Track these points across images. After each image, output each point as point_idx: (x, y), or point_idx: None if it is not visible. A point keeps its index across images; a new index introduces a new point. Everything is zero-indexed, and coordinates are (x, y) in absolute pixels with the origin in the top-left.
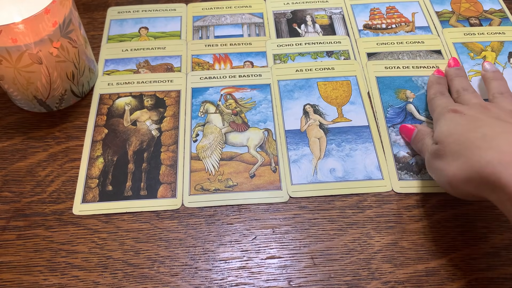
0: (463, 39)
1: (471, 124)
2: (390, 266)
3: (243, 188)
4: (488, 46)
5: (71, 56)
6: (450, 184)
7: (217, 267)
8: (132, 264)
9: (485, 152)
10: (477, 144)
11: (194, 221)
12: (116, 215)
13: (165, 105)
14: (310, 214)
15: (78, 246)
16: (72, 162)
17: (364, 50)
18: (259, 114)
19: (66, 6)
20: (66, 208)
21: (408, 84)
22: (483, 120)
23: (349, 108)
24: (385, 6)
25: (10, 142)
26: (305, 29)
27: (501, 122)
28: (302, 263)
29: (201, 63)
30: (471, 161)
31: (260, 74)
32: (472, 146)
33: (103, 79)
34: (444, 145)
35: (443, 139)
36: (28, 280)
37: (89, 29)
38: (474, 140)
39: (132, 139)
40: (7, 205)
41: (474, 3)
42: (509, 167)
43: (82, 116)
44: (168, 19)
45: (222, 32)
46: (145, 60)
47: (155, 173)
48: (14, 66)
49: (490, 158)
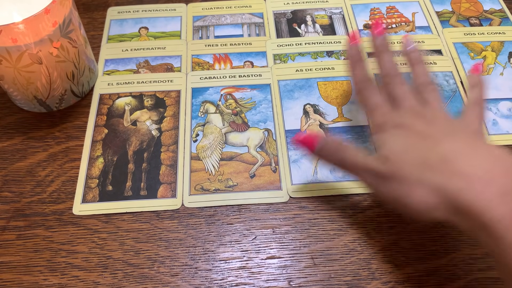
0: (463, 39)
1: (424, 143)
2: (390, 266)
3: (243, 188)
4: (488, 46)
5: (71, 56)
6: (416, 211)
7: (217, 267)
8: (132, 264)
9: (452, 180)
10: (440, 168)
11: (194, 221)
12: (116, 215)
13: (165, 105)
14: (310, 214)
15: (78, 246)
16: (72, 162)
17: (364, 50)
18: (259, 114)
19: (66, 6)
20: (66, 208)
21: (407, 80)
22: (435, 138)
23: (349, 108)
24: (385, 6)
25: (10, 142)
26: (305, 29)
27: (453, 139)
28: (302, 263)
29: (201, 63)
30: (439, 189)
31: (260, 74)
32: (434, 171)
33: (103, 79)
34: (397, 166)
35: (394, 159)
36: (28, 280)
37: (89, 29)
38: (436, 164)
39: (132, 139)
40: (7, 205)
41: (474, 3)
42: (479, 194)
43: (82, 116)
44: (168, 19)
45: (222, 32)
46: (145, 60)
47: (155, 173)
48: (14, 66)
49: (459, 187)
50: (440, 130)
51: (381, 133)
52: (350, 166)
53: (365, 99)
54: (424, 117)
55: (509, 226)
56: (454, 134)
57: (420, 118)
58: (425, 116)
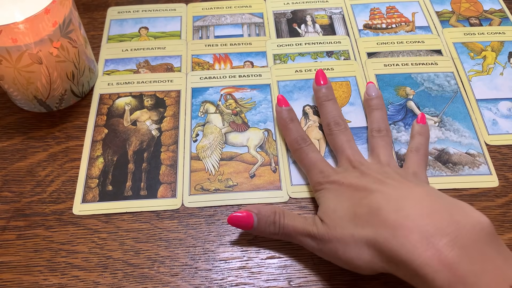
0: (463, 39)
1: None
2: None
3: (243, 188)
4: (488, 46)
5: (71, 56)
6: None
7: (217, 267)
8: (132, 264)
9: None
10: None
11: (194, 221)
12: (116, 215)
13: (165, 105)
14: (310, 214)
15: (78, 246)
16: (72, 162)
17: (364, 50)
18: (259, 114)
19: (66, 6)
20: (66, 208)
21: (407, 81)
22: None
23: (349, 109)
24: (385, 6)
25: (10, 142)
26: (305, 29)
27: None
28: (302, 263)
29: (201, 63)
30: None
31: (260, 74)
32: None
33: (103, 79)
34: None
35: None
36: (28, 280)
37: (89, 29)
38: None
39: (132, 139)
40: (7, 205)
41: (474, 3)
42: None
43: (82, 116)
44: (168, 19)
45: (222, 32)
46: (145, 60)
47: (155, 173)
48: (14, 66)
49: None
50: (371, 180)
51: (318, 191)
52: (292, 232)
53: (301, 158)
54: (358, 168)
55: (437, 268)
56: (384, 182)
57: (354, 170)
58: (360, 166)
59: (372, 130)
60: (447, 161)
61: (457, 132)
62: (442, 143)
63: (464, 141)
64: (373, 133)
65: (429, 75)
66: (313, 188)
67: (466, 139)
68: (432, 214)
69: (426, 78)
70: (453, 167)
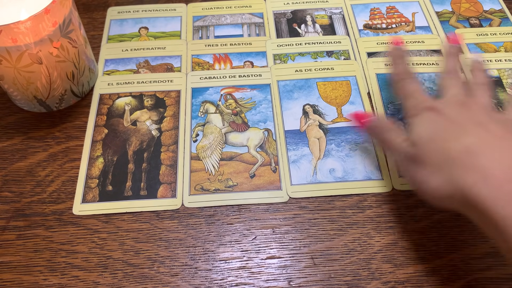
0: (476, 40)
1: (452, 130)
2: (390, 266)
3: (243, 188)
4: (501, 46)
5: (71, 56)
6: (432, 197)
7: (217, 267)
8: (132, 264)
9: (469, 173)
10: (461, 159)
11: (194, 221)
12: (116, 215)
13: (165, 105)
14: (310, 214)
15: (78, 246)
16: (72, 162)
17: (364, 50)
18: (259, 114)
19: (66, 6)
20: (66, 208)
21: None
22: (464, 126)
23: (349, 108)
24: (385, 6)
25: (10, 142)
26: (305, 29)
27: (482, 130)
28: (302, 263)
29: (201, 63)
30: (455, 180)
31: (260, 74)
32: (455, 161)
33: (103, 79)
34: (423, 151)
35: (421, 144)
36: (28, 280)
37: (89, 29)
38: (457, 154)
39: (132, 139)
40: (7, 205)
41: (474, 3)
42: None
43: (82, 116)
44: (168, 19)
45: (222, 32)
46: (145, 60)
47: (155, 173)
48: (14, 66)
49: (474, 181)
50: (470, 118)
51: (413, 116)
52: (389, 146)
53: (402, 87)
54: (459, 103)
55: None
56: (483, 125)
57: (453, 104)
58: (461, 103)
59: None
60: None
61: None
62: None
63: None
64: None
65: (429, 75)
66: (406, 114)
67: None
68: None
69: (427, 78)
70: None
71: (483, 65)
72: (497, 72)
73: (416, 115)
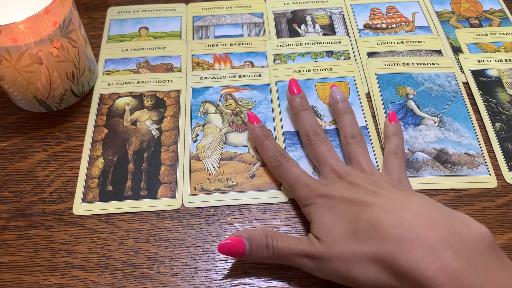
0: (476, 40)
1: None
2: None
3: (243, 188)
4: (501, 46)
5: (71, 56)
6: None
7: (217, 267)
8: (132, 264)
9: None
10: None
11: (194, 221)
12: (116, 215)
13: (165, 105)
14: None
15: (78, 246)
16: (72, 162)
17: (364, 50)
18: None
19: (66, 6)
20: (66, 208)
21: (408, 80)
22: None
23: None
24: (385, 6)
25: (10, 142)
26: (305, 29)
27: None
28: None
29: (201, 63)
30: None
31: (260, 74)
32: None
33: (103, 79)
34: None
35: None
36: (28, 280)
37: (89, 29)
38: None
39: (132, 139)
40: (7, 205)
41: (474, 3)
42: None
43: (82, 116)
44: (168, 19)
45: (222, 32)
46: (145, 60)
47: (155, 173)
48: (14, 66)
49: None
50: (364, 191)
51: (307, 206)
52: (287, 255)
53: (283, 175)
54: (345, 178)
55: (444, 281)
56: (378, 193)
57: (341, 181)
58: (347, 176)
59: (346, 136)
60: (446, 161)
61: (457, 132)
62: (441, 143)
63: (463, 141)
64: (347, 139)
65: (429, 75)
66: (300, 204)
67: (465, 140)
68: (434, 226)
69: (427, 78)
70: (451, 167)
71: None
72: (497, 72)
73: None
